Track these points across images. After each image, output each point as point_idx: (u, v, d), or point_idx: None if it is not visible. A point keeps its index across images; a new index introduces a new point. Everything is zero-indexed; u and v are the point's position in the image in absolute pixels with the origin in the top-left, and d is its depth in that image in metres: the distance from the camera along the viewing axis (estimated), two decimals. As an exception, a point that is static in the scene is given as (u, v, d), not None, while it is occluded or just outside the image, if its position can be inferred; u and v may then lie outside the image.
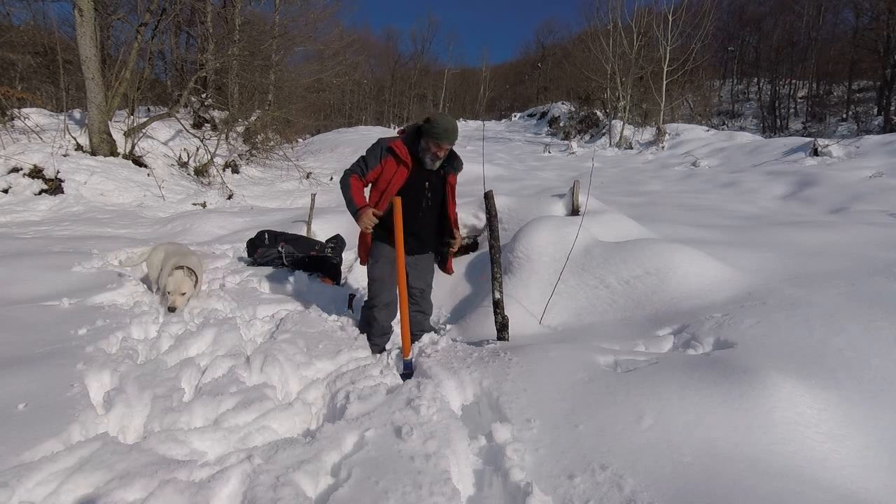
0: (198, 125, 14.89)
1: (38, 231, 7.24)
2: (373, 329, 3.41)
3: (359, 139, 20.20)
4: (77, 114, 12.16)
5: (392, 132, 24.65)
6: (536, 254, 3.96)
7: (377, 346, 3.39)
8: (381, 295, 3.31)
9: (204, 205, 10.66)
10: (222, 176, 12.48)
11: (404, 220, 3.05)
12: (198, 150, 12.56)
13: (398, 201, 3.03)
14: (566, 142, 23.37)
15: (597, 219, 4.73)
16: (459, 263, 4.81)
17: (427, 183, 3.20)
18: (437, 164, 3.15)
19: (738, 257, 4.05)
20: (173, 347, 3.14)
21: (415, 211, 3.17)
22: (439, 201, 3.32)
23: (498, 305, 3.18)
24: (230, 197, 11.54)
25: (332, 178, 13.79)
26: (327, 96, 25.55)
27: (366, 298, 3.47)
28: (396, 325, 3.40)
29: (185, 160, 12.34)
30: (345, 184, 3.18)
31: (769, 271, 3.78)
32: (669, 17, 21.16)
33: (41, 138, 10.49)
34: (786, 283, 3.43)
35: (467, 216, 5.87)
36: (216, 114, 16.04)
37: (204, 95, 16.05)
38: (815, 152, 12.46)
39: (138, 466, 1.89)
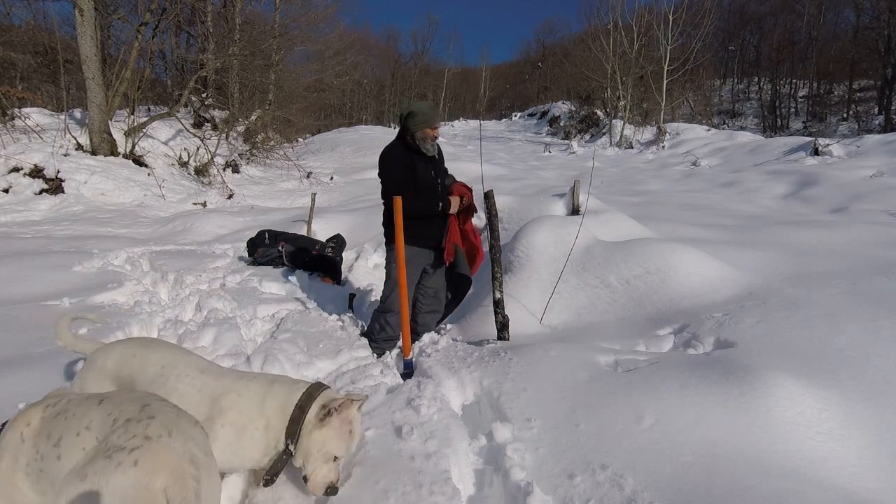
0: (198, 125, 14.88)
1: (38, 231, 7.24)
2: (384, 334, 3.35)
3: (359, 139, 20.19)
4: (77, 113, 12.16)
5: (392, 131, 24.72)
6: (537, 253, 3.96)
7: (380, 350, 3.37)
8: (399, 300, 3.17)
9: (204, 204, 10.66)
10: (223, 175, 12.48)
11: (426, 216, 3.18)
12: (198, 149, 12.55)
13: (398, 200, 3.04)
14: (566, 141, 23.36)
15: (597, 218, 4.73)
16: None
17: (434, 172, 3.28)
18: (435, 148, 3.26)
19: (738, 257, 4.05)
20: (174, 347, 3.14)
21: (433, 201, 3.23)
22: (446, 187, 3.40)
23: (498, 305, 3.18)
24: (230, 196, 11.53)
25: (332, 178, 13.78)
26: (328, 96, 25.49)
27: (380, 303, 3.41)
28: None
29: (186, 160, 12.34)
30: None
31: (770, 271, 3.78)
32: (670, 17, 21.14)
33: (42, 138, 10.49)
34: (786, 282, 3.43)
35: (468, 216, 5.86)
36: (216, 113, 16.04)
37: (204, 95, 16.04)
38: (816, 152, 12.44)
39: (139, 466, 1.88)
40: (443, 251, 3.37)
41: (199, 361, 1.96)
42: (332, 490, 1.76)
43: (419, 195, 3.16)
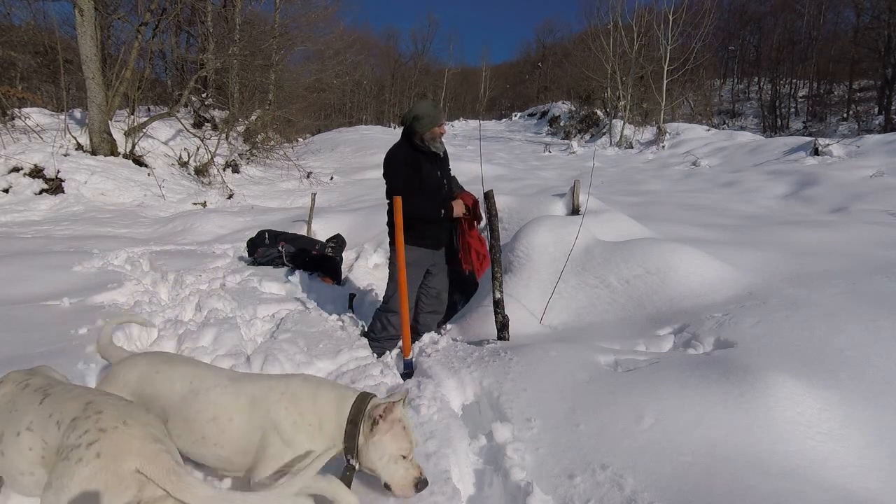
0: (198, 125, 14.87)
1: (38, 231, 7.24)
2: (386, 333, 3.36)
3: (359, 139, 20.20)
4: (77, 113, 12.16)
5: (392, 131, 24.73)
6: (537, 253, 3.96)
7: (381, 349, 3.37)
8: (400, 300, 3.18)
9: (204, 204, 10.66)
10: (223, 175, 12.48)
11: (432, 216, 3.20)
12: (198, 149, 12.56)
13: (398, 200, 3.04)
14: (566, 141, 23.36)
15: (597, 218, 4.73)
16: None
17: (440, 172, 3.32)
18: (443, 145, 3.31)
19: (738, 257, 4.05)
20: (174, 347, 3.14)
21: (435, 207, 3.25)
22: (452, 189, 3.44)
23: (498, 305, 3.18)
24: (230, 196, 11.53)
25: (332, 178, 13.79)
26: (328, 96, 25.49)
27: (383, 302, 3.43)
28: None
29: (186, 160, 12.34)
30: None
31: (770, 271, 3.78)
32: (670, 17, 21.15)
33: (42, 138, 10.48)
34: (786, 282, 3.43)
35: (468, 216, 5.87)
36: (216, 113, 16.03)
37: (204, 95, 16.04)
38: (816, 152, 12.44)
39: (139, 466, 1.88)
40: (448, 252, 3.39)
41: (226, 371, 1.98)
42: (421, 484, 1.73)
43: (422, 198, 3.16)
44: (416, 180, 3.17)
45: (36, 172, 9.61)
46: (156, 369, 1.89)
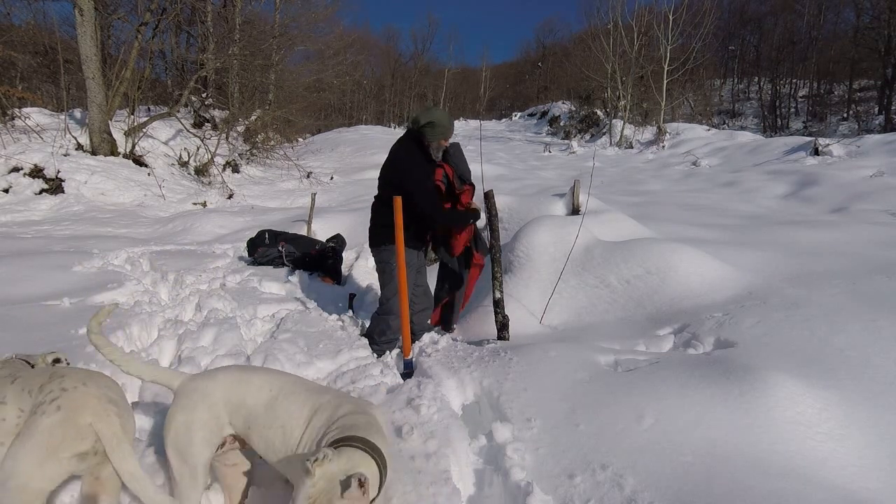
0: (198, 125, 14.87)
1: (38, 231, 7.24)
2: (385, 337, 3.36)
3: (359, 139, 20.20)
4: (78, 113, 12.16)
5: (392, 131, 24.72)
6: (537, 253, 3.96)
7: (381, 351, 3.37)
8: (399, 302, 3.15)
9: (204, 204, 10.66)
10: (223, 175, 12.48)
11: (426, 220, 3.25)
12: (198, 149, 12.55)
13: (398, 200, 3.03)
14: (566, 141, 23.35)
15: (597, 218, 4.73)
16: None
17: (433, 176, 3.35)
18: (441, 155, 3.34)
19: (738, 257, 4.05)
20: (174, 347, 3.14)
21: (464, 221, 3.37)
22: None
23: (498, 305, 3.18)
24: (230, 196, 11.53)
25: (332, 178, 13.79)
26: (328, 96, 25.49)
27: (380, 305, 3.42)
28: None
29: (186, 160, 12.34)
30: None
31: (770, 271, 3.78)
32: (670, 17, 21.14)
33: (42, 138, 10.48)
34: (786, 282, 3.43)
35: (468, 216, 5.88)
36: (216, 113, 16.03)
37: (204, 95, 16.03)
38: (816, 151, 12.44)
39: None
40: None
41: (305, 394, 1.80)
42: None
43: (451, 209, 3.30)
44: (432, 186, 3.24)
45: (36, 172, 9.61)
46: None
